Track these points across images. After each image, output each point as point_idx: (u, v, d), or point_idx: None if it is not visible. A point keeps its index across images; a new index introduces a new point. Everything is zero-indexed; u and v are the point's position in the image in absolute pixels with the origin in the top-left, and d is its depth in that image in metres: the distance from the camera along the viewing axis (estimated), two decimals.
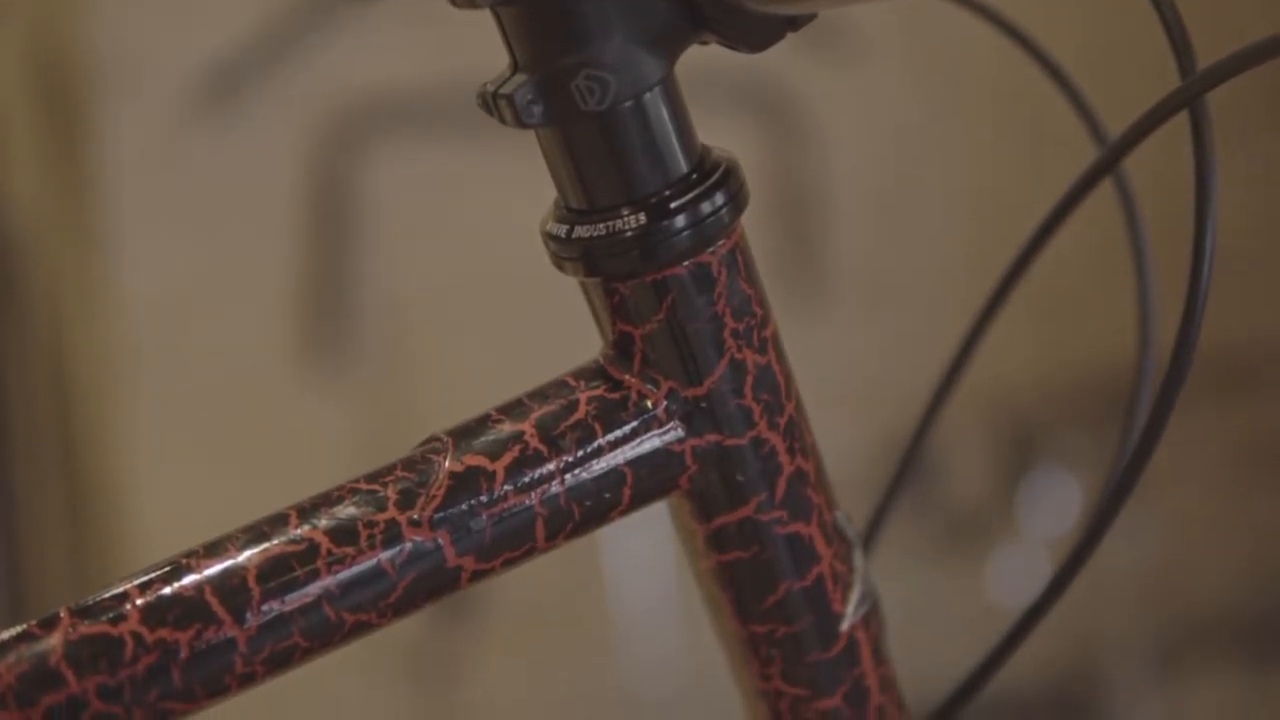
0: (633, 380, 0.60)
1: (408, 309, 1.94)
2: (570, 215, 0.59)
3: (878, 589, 0.65)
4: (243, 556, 0.56)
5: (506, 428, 0.59)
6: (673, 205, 0.58)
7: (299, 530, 0.56)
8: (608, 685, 2.00)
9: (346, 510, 0.57)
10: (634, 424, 0.59)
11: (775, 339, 0.61)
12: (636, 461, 0.59)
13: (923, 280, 2.04)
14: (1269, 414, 2.15)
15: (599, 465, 0.59)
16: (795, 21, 0.57)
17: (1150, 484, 0.73)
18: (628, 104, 0.57)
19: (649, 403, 0.60)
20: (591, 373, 0.60)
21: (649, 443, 0.60)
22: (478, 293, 1.92)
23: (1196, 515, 2.12)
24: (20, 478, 2.02)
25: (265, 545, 0.56)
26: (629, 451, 0.59)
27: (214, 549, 0.56)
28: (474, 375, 1.85)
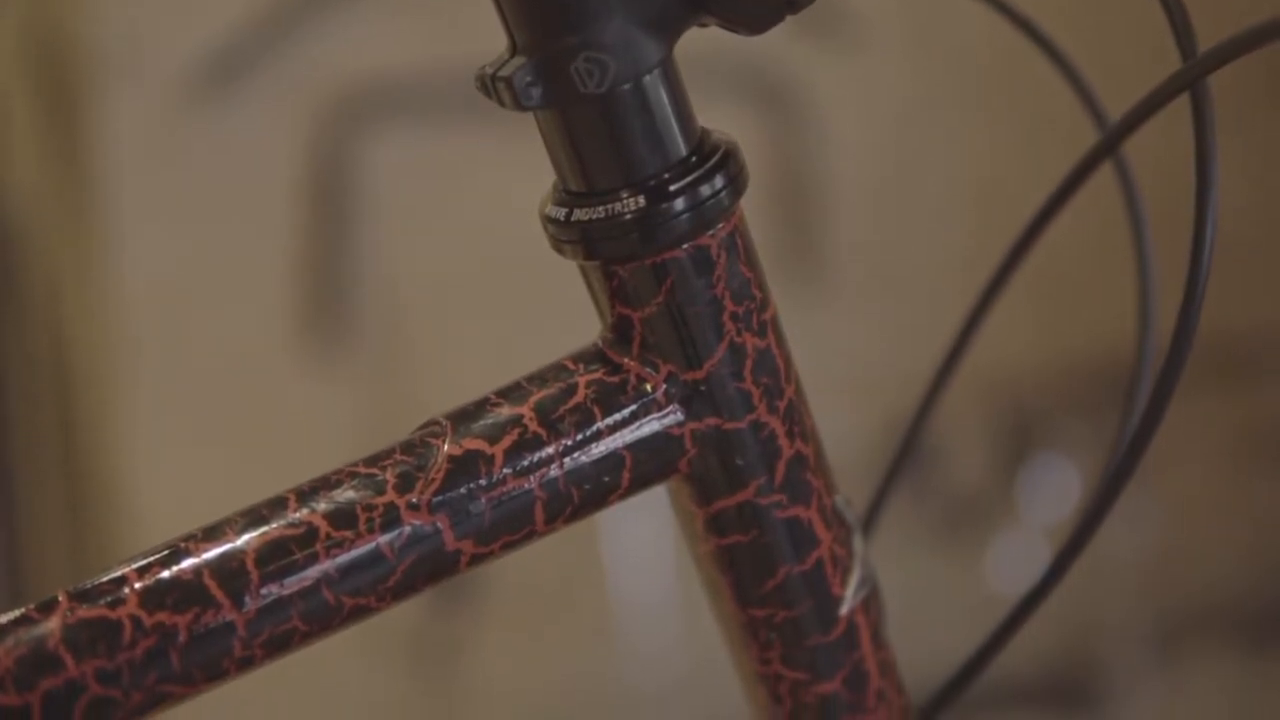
0: (632, 364, 0.60)
1: (406, 294, 1.94)
2: (569, 198, 0.59)
3: (877, 573, 0.65)
4: (241, 540, 0.56)
5: (505, 411, 0.59)
6: (672, 188, 0.58)
7: (298, 514, 0.56)
8: (607, 669, 2.00)
9: (345, 494, 0.57)
10: (633, 407, 0.59)
11: (775, 322, 0.61)
12: (635, 445, 0.59)
13: (923, 266, 2.04)
14: (1269, 400, 2.15)
15: (598, 449, 0.59)
16: (794, 3, 0.56)
17: (1149, 470, 0.73)
18: (627, 86, 0.56)
19: (648, 386, 0.60)
20: (590, 356, 0.60)
21: (648, 426, 0.59)
22: (476, 278, 1.92)
23: (1196, 501, 2.12)
24: (20, 469, 2.02)
25: (264, 529, 0.56)
26: (628, 435, 0.59)
27: (212, 533, 0.56)
28: (472, 360, 1.85)
